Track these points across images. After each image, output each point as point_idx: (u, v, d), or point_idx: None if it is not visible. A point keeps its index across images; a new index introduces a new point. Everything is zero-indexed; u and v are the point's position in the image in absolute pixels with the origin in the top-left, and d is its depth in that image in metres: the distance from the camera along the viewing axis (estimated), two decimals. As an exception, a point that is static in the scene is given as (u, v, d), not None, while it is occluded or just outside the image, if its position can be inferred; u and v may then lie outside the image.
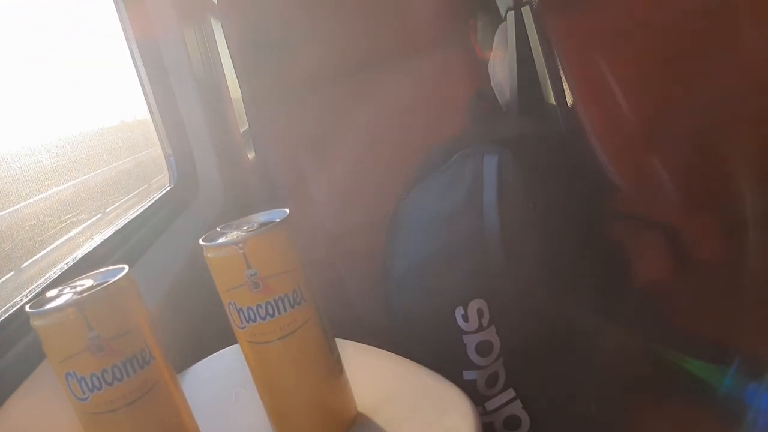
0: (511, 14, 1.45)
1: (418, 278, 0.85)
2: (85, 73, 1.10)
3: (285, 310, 0.46)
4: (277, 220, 0.47)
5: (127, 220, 0.93)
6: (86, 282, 0.44)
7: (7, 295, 0.63)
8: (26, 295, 0.63)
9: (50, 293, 0.44)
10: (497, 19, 1.60)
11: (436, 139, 1.16)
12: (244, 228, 0.48)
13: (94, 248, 0.79)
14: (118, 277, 0.43)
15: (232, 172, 1.30)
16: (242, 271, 0.45)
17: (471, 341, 0.81)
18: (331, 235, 1.20)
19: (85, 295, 0.41)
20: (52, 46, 1.00)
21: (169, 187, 1.16)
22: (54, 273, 0.70)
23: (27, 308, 0.42)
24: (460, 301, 0.81)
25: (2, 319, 0.58)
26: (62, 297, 0.43)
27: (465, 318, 0.81)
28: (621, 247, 0.97)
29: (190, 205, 1.15)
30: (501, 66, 1.53)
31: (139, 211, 0.99)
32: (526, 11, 1.38)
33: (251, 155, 1.51)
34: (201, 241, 0.46)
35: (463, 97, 1.25)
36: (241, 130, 1.47)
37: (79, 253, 0.76)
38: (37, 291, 0.64)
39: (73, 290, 0.44)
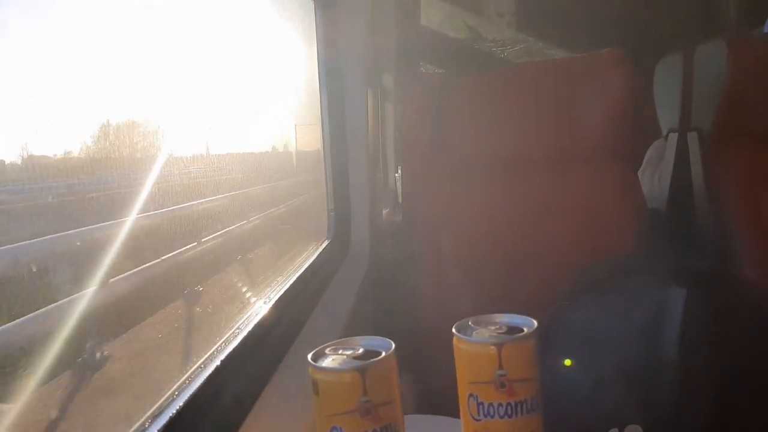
0: (673, 135, 1.47)
1: (575, 389, 0.86)
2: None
3: (522, 414, 0.49)
4: (527, 329, 0.51)
5: (297, 274, 1.00)
6: (354, 346, 0.50)
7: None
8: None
9: (327, 350, 0.50)
10: (654, 133, 1.61)
11: (589, 247, 1.18)
12: (493, 327, 0.52)
13: (279, 298, 0.87)
14: (391, 350, 0.48)
15: (378, 236, 1.37)
16: (493, 369, 0.49)
17: (619, 466, 0.80)
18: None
19: (367, 362, 0.47)
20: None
21: (327, 242, 1.25)
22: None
23: (308, 358, 0.48)
24: (616, 422, 0.80)
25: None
26: (338, 356, 0.49)
27: (619, 441, 0.80)
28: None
29: (343, 261, 1.23)
30: (649, 182, 1.54)
31: (306, 265, 1.07)
32: (692, 136, 1.40)
33: (384, 214, 1.59)
34: (454, 331, 0.51)
35: (618, 210, 1.26)
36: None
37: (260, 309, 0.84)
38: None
39: (345, 352, 0.49)
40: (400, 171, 1.57)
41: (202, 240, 0.92)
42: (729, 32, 1.55)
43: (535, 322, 0.52)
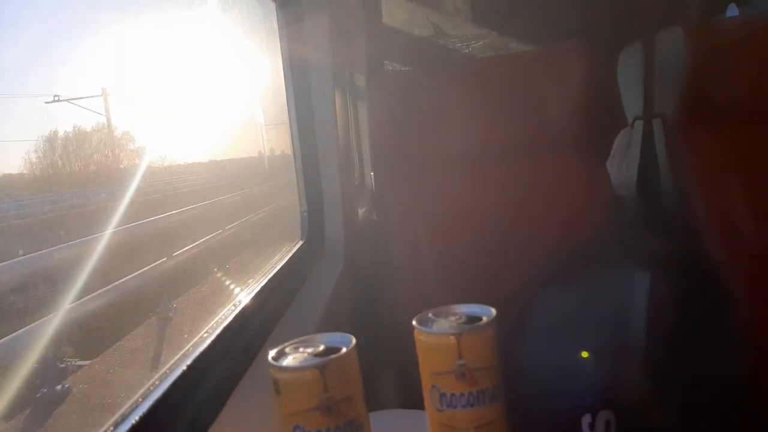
0: (639, 123, 1.50)
1: (547, 378, 0.87)
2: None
3: (484, 403, 0.49)
4: (486, 318, 0.51)
5: (269, 276, 1.00)
6: (315, 343, 0.50)
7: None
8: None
9: (287, 348, 0.50)
10: (620, 122, 1.63)
11: (558, 236, 1.20)
12: (453, 318, 0.52)
13: (250, 299, 0.86)
14: (351, 345, 0.48)
15: (354, 235, 1.37)
16: (453, 359, 0.49)
17: (594, 452, 0.82)
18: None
19: (327, 358, 0.47)
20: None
21: (301, 242, 1.24)
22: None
23: (269, 359, 0.48)
24: (589, 408, 0.82)
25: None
26: (299, 354, 0.49)
27: (591, 426, 0.81)
28: (754, 378, 0.95)
29: (318, 261, 1.23)
30: (618, 169, 1.57)
31: (278, 267, 1.06)
32: (656, 123, 1.42)
33: (360, 212, 1.59)
34: (414, 323, 0.52)
35: (587, 198, 1.28)
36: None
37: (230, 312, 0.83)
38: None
39: (306, 349, 0.49)
40: (374, 170, 1.57)
41: (174, 254, 0.91)
42: (687, 19, 1.58)
43: (494, 311, 0.52)
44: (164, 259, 0.85)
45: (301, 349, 0.50)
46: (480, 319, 0.51)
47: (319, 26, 1.23)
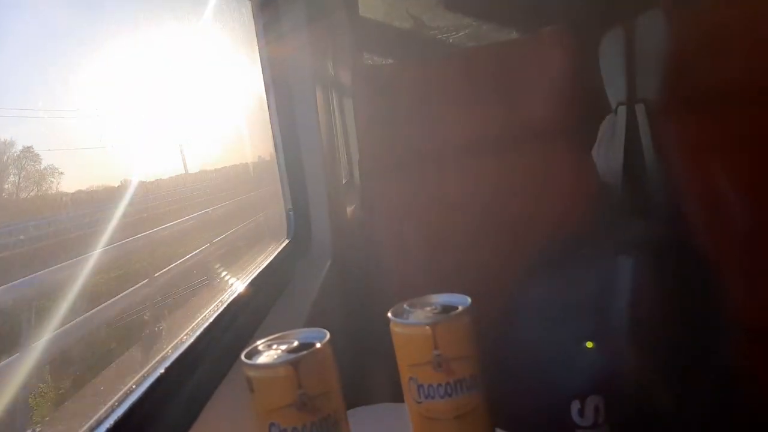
0: (622, 108, 1.49)
1: (536, 366, 0.87)
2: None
3: (462, 393, 0.49)
4: (462, 307, 0.51)
5: (255, 274, 1.00)
6: (289, 339, 0.50)
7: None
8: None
9: (260, 346, 0.49)
10: (604, 109, 1.63)
11: (544, 226, 1.20)
12: (428, 308, 0.52)
13: (235, 297, 0.86)
14: (325, 340, 0.48)
15: (339, 229, 1.37)
16: (429, 350, 0.49)
17: (584, 437, 0.82)
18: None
19: (300, 354, 0.46)
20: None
21: (287, 241, 1.24)
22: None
23: (242, 358, 0.48)
24: (577, 395, 0.82)
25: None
26: (272, 352, 0.48)
27: (581, 413, 0.81)
28: (738, 359, 0.95)
29: (304, 258, 1.22)
30: (604, 157, 1.56)
31: (265, 264, 1.06)
32: (639, 108, 1.42)
33: (349, 210, 1.59)
34: (389, 315, 0.51)
35: (573, 187, 1.27)
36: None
37: (223, 298, 0.83)
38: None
39: (279, 346, 0.49)
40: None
41: (155, 276, 0.90)
42: (668, 1, 1.57)
43: (469, 300, 0.52)
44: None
45: (275, 347, 0.49)
46: (456, 308, 0.51)
47: (296, 24, 1.22)
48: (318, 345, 0.48)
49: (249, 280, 0.95)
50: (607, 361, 0.82)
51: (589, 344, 0.87)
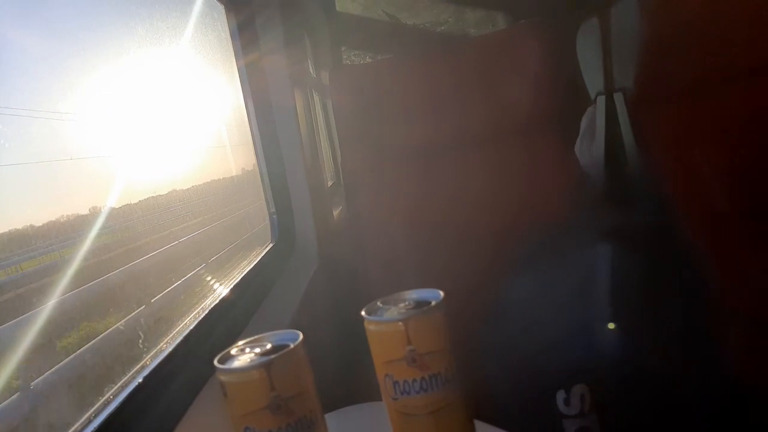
0: (601, 99, 1.50)
1: (520, 357, 0.87)
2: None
3: (438, 387, 0.49)
4: (434, 302, 0.51)
5: (238, 279, 0.99)
6: (262, 342, 0.49)
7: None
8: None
9: (233, 350, 0.49)
10: (585, 101, 1.64)
11: (530, 217, 1.20)
12: (402, 305, 0.52)
13: (218, 302, 0.85)
14: (298, 341, 0.48)
15: (325, 231, 1.37)
16: (403, 346, 0.49)
17: (570, 426, 0.82)
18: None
19: (271, 357, 0.46)
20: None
21: (271, 244, 1.23)
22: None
23: (215, 363, 0.47)
24: (563, 384, 0.82)
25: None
26: (245, 355, 0.48)
27: (567, 402, 0.81)
28: (722, 342, 0.96)
29: (289, 261, 1.21)
30: (588, 149, 1.57)
31: (249, 268, 1.05)
32: (618, 97, 1.42)
33: (335, 212, 1.59)
34: (363, 313, 0.51)
35: (556, 180, 1.28)
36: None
37: (208, 304, 0.83)
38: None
39: (252, 350, 0.49)
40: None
41: (152, 301, 0.90)
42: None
43: (442, 294, 0.52)
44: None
45: (248, 350, 0.49)
46: (429, 303, 0.51)
47: (271, 27, 1.22)
48: (291, 346, 0.47)
49: (231, 286, 0.95)
50: (592, 350, 0.83)
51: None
